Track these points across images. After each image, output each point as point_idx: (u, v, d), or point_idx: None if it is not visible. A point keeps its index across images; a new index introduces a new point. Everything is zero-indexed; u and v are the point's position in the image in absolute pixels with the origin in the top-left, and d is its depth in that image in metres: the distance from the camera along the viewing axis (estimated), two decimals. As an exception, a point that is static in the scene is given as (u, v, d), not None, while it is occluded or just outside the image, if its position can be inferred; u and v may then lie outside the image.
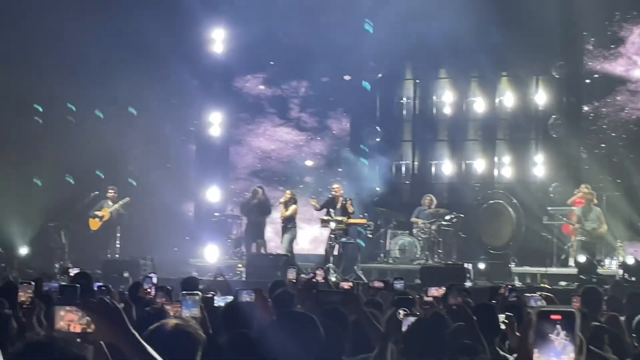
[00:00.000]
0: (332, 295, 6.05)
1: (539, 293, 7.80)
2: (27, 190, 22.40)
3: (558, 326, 1.93)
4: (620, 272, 17.66)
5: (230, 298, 8.98)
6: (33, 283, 7.15)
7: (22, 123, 22.38)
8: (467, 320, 6.17)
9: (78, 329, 3.42)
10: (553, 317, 1.94)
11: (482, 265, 18.97)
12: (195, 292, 5.57)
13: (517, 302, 8.12)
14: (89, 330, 3.36)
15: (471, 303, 7.77)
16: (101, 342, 3.51)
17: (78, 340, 3.28)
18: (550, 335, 1.93)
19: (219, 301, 9.62)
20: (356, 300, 5.62)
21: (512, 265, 19.39)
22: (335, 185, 20.35)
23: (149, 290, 8.59)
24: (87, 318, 3.33)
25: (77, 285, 6.95)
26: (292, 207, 20.59)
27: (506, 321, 6.62)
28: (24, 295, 6.80)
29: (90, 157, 22.35)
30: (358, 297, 5.79)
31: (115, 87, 22.07)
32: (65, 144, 22.13)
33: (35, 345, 2.97)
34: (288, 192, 21.00)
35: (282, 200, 20.57)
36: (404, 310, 6.54)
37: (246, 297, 8.59)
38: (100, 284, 9.21)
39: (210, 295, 8.23)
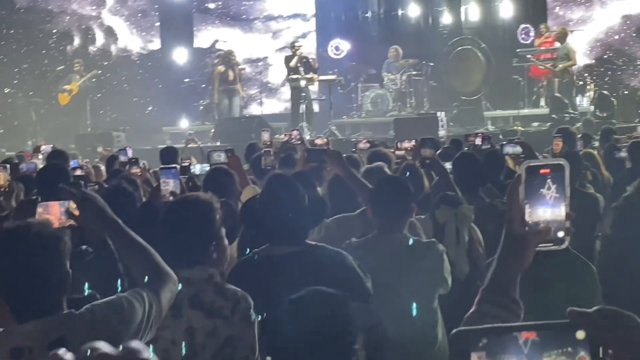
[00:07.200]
0: (319, 153, 5.89)
1: (516, 138, 7.74)
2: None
3: (548, 180, 1.90)
4: (592, 108, 17.78)
5: (207, 166, 8.94)
6: (8, 166, 7.02)
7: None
8: (441, 172, 6.22)
9: (57, 224, 3.38)
10: (542, 171, 1.90)
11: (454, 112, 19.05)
12: (173, 165, 5.41)
13: (492, 149, 8.08)
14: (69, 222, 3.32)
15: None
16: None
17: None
18: (541, 190, 1.90)
19: (196, 170, 9.56)
20: (339, 157, 5.53)
21: (485, 110, 19.40)
22: (296, 43, 19.83)
23: (127, 164, 8.43)
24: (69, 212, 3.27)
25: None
26: (237, 69, 20.34)
27: None
28: (1, 179, 6.73)
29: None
30: (340, 153, 5.67)
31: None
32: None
33: (11, 231, 2.93)
34: (224, 53, 20.73)
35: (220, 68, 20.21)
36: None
37: (218, 158, 8.54)
38: (76, 166, 9.01)
39: (187, 164, 8.15)
